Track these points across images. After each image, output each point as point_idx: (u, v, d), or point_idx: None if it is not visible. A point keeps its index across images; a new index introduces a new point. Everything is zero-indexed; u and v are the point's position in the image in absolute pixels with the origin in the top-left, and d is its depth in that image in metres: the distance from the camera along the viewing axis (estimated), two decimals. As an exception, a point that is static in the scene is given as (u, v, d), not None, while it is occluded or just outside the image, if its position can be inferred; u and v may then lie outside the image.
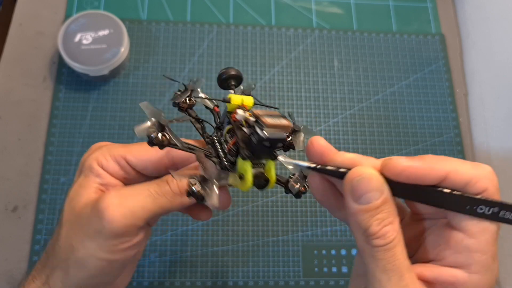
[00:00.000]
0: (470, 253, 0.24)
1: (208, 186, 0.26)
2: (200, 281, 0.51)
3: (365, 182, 0.24)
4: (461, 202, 0.24)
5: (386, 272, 0.24)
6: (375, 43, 0.64)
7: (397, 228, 0.24)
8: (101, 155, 0.31)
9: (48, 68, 0.58)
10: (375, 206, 0.24)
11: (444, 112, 0.61)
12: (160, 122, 0.28)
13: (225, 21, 0.63)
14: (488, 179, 0.24)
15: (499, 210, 0.24)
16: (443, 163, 0.24)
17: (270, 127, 0.25)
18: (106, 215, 0.28)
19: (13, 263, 0.50)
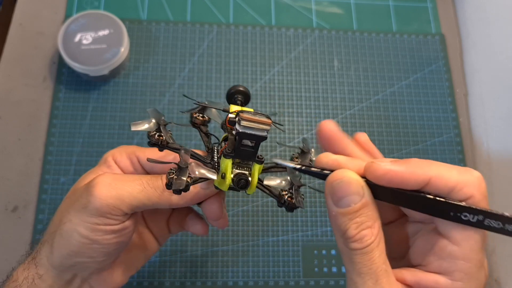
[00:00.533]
0: (453, 260, 0.24)
1: (182, 175, 0.27)
2: (200, 281, 0.51)
3: (344, 185, 0.24)
4: (445, 208, 0.23)
5: (361, 276, 0.24)
6: (375, 43, 0.64)
7: (376, 232, 0.24)
8: (118, 152, 0.34)
9: (48, 68, 0.58)
10: (353, 209, 0.24)
11: (444, 112, 0.61)
12: (157, 123, 0.29)
13: (225, 21, 0.63)
14: (474, 186, 0.23)
15: (483, 218, 0.23)
16: (427, 168, 0.24)
17: (246, 120, 0.26)
18: (93, 191, 0.29)
19: (13, 263, 0.49)
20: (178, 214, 0.38)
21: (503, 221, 0.23)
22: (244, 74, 0.60)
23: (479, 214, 0.23)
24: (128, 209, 0.30)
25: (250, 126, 0.26)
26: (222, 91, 0.59)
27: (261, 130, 0.26)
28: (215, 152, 0.31)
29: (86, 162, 0.54)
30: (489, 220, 0.23)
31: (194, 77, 0.59)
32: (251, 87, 0.60)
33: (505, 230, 0.23)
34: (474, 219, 0.23)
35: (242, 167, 0.28)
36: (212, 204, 0.32)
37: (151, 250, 0.37)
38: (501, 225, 0.23)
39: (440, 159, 0.59)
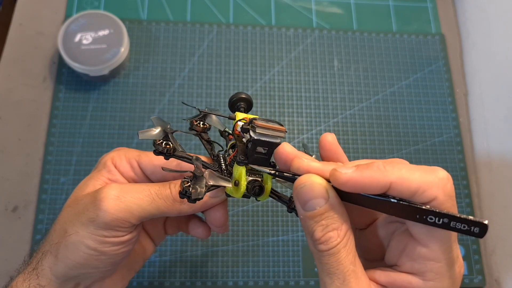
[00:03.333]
0: (424, 261, 0.24)
1: (198, 184, 0.27)
2: (200, 281, 0.51)
3: (308, 190, 0.25)
4: (410, 211, 0.23)
5: (329, 276, 0.25)
6: (375, 43, 0.64)
7: (343, 233, 0.25)
8: (117, 155, 0.32)
9: (48, 68, 0.58)
10: (318, 213, 0.25)
11: (444, 112, 0.61)
12: (165, 131, 0.29)
13: (225, 21, 0.63)
14: (437, 187, 0.23)
15: (449, 221, 0.23)
16: (388, 172, 0.23)
17: (261, 127, 0.26)
18: (101, 205, 0.28)
19: (13, 263, 0.50)
20: (177, 217, 0.37)
21: (468, 224, 0.23)
22: (244, 74, 0.60)
23: (443, 217, 0.23)
24: (137, 221, 0.30)
25: (266, 134, 0.26)
26: (222, 91, 0.59)
27: (275, 137, 0.26)
28: (221, 159, 0.31)
29: (86, 162, 0.54)
30: (455, 222, 0.23)
31: (194, 77, 0.59)
32: (251, 87, 0.60)
33: (471, 232, 0.23)
34: (439, 221, 0.23)
35: (254, 174, 0.29)
36: (218, 211, 0.33)
37: (149, 252, 0.37)
38: (467, 227, 0.23)
39: (440, 159, 0.59)
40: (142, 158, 0.32)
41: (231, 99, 0.30)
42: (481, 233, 0.23)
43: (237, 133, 0.28)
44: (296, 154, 0.27)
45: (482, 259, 0.55)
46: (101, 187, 0.29)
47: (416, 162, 0.58)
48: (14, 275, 0.32)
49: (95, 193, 0.29)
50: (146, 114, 0.57)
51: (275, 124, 0.26)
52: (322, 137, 0.29)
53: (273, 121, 0.27)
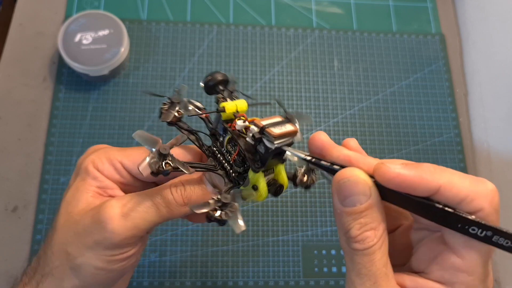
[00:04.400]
0: (455, 272, 0.24)
1: (231, 211, 0.26)
2: (200, 281, 0.51)
3: (351, 185, 0.24)
4: (453, 219, 0.22)
5: (360, 276, 0.24)
6: (375, 43, 0.64)
7: (380, 234, 0.24)
8: (97, 158, 0.30)
9: (48, 68, 0.58)
10: (358, 210, 0.24)
11: (444, 112, 0.61)
12: (160, 152, 0.26)
13: (225, 21, 0.63)
14: (485, 198, 0.22)
15: (492, 234, 0.22)
16: (438, 175, 0.23)
17: (278, 137, 0.25)
18: (108, 227, 0.27)
19: (13, 263, 0.50)
20: None
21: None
22: (244, 74, 0.60)
23: (488, 230, 0.22)
24: (144, 234, 0.29)
25: (284, 142, 0.25)
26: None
27: (290, 140, 0.26)
28: (218, 156, 0.29)
29: (86, 162, 0.54)
30: (498, 237, 0.22)
31: (194, 77, 0.59)
32: (251, 87, 0.60)
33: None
34: (482, 234, 0.22)
35: (267, 171, 0.28)
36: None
37: (145, 244, 0.37)
38: (510, 244, 0.22)
39: (440, 159, 0.59)
40: (125, 160, 0.30)
41: (208, 83, 0.29)
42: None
43: (233, 129, 0.27)
44: (333, 143, 0.26)
45: (482, 259, 0.55)
46: (102, 206, 0.28)
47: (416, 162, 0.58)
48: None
49: (97, 214, 0.28)
50: (146, 114, 0.57)
51: (289, 127, 0.26)
52: (345, 143, 0.27)
53: (280, 122, 0.26)
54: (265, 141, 0.25)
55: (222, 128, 0.29)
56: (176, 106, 0.29)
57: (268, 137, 0.25)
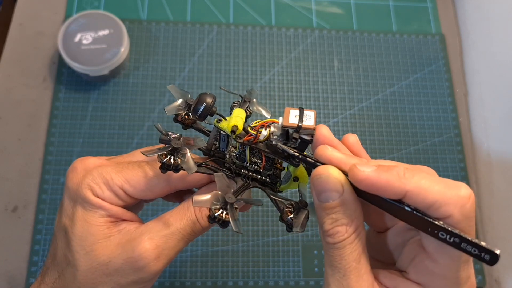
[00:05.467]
0: (430, 275, 0.24)
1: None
2: (200, 281, 0.51)
3: (323, 181, 0.25)
4: (422, 222, 0.23)
5: (331, 268, 0.25)
6: (375, 43, 0.64)
7: (352, 231, 0.25)
8: (95, 184, 0.29)
9: (48, 68, 0.58)
10: (330, 206, 0.25)
11: (444, 112, 0.61)
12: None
13: (225, 21, 0.63)
14: (455, 205, 0.22)
15: (460, 241, 0.22)
16: (408, 179, 0.23)
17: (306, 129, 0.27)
18: (145, 270, 0.28)
19: (13, 263, 0.50)
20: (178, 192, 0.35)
21: (479, 249, 0.22)
22: (244, 74, 0.60)
23: (454, 236, 0.22)
24: None
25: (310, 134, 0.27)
26: (222, 91, 0.59)
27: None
28: (242, 172, 0.30)
29: (86, 162, 0.54)
30: (465, 244, 0.22)
31: (194, 77, 0.59)
32: (251, 87, 0.60)
33: (481, 258, 0.22)
34: (450, 239, 0.22)
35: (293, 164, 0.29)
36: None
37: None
38: (478, 252, 0.22)
39: (440, 159, 0.59)
40: (126, 186, 0.29)
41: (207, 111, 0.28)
42: (492, 261, 0.22)
43: (255, 141, 0.28)
44: (324, 139, 0.27)
45: (482, 259, 0.55)
46: (135, 250, 0.28)
47: (416, 162, 0.58)
48: None
49: (131, 259, 0.28)
50: (146, 114, 0.57)
51: (307, 116, 0.27)
52: (344, 139, 0.28)
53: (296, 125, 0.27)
54: (303, 136, 0.27)
55: (224, 145, 0.30)
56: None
57: (306, 131, 0.27)
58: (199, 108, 0.27)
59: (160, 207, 0.53)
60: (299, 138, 0.27)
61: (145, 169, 0.29)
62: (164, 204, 0.53)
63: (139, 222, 0.31)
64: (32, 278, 0.49)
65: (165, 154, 0.27)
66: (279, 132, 0.27)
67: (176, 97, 0.29)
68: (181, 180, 0.30)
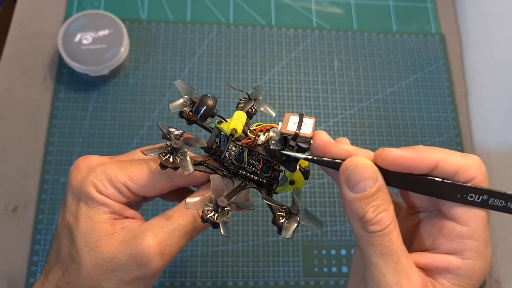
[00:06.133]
0: (462, 240, 0.25)
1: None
2: (200, 281, 0.51)
3: (360, 170, 0.25)
4: (452, 190, 0.25)
5: (383, 257, 0.25)
6: (375, 43, 0.64)
7: (392, 214, 0.25)
8: (98, 181, 0.29)
9: (48, 68, 0.58)
10: (370, 193, 0.25)
11: (444, 112, 0.61)
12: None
13: (225, 21, 0.63)
14: (476, 168, 0.25)
15: (488, 197, 0.24)
16: (433, 153, 0.25)
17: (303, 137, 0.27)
18: (149, 266, 0.28)
19: (13, 263, 0.50)
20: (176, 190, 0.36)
21: (506, 199, 0.24)
22: (244, 74, 0.60)
23: (483, 193, 0.24)
24: None
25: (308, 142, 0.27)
26: (222, 91, 0.59)
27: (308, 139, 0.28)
28: (240, 172, 0.30)
29: (86, 162, 0.54)
30: (493, 199, 0.24)
31: (194, 77, 0.59)
32: (251, 87, 0.60)
33: (507, 208, 0.25)
34: (479, 199, 0.24)
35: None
36: None
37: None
38: (504, 204, 0.24)
39: (440, 159, 0.59)
40: (129, 182, 0.30)
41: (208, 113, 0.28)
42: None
43: (253, 145, 0.28)
44: (325, 145, 0.27)
45: (482, 259, 0.55)
46: (139, 246, 0.28)
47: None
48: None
49: (135, 255, 0.28)
50: (146, 114, 0.57)
51: (305, 123, 0.27)
52: (337, 142, 0.29)
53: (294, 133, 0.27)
54: (300, 144, 0.27)
55: (224, 145, 0.30)
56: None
57: (303, 139, 0.27)
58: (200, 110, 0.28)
59: (160, 207, 0.53)
60: (296, 145, 0.27)
61: (147, 166, 0.30)
62: (164, 204, 0.53)
63: (141, 219, 0.31)
64: (32, 278, 0.49)
65: (164, 153, 0.27)
66: (277, 137, 0.28)
67: (182, 93, 0.29)
68: (182, 177, 0.30)
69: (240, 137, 0.28)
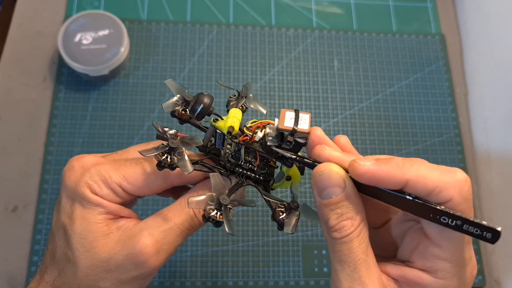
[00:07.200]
0: (435, 259, 0.25)
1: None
2: (200, 281, 0.51)
3: (326, 178, 0.25)
4: (424, 209, 0.24)
5: (340, 263, 0.25)
6: (375, 43, 0.64)
7: (357, 223, 0.25)
8: (93, 182, 0.29)
9: (48, 68, 0.58)
10: (334, 201, 0.25)
11: (444, 112, 0.61)
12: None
13: (225, 21, 0.63)
14: (454, 188, 0.23)
15: (461, 223, 0.23)
16: (407, 169, 0.24)
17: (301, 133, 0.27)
18: (145, 266, 0.28)
19: (13, 263, 0.50)
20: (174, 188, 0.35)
21: (481, 229, 0.23)
22: (244, 74, 0.60)
23: (456, 219, 0.23)
24: None
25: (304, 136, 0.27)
26: (222, 91, 0.59)
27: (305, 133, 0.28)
28: (236, 170, 0.30)
29: (86, 162, 0.54)
30: (467, 225, 0.23)
31: (194, 77, 0.59)
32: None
33: (483, 237, 0.23)
34: (452, 222, 0.23)
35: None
36: None
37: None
38: (479, 232, 0.23)
39: (440, 159, 0.59)
40: (124, 183, 0.29)
41: (204, 111, 0.28)
42: (493, 239, 0.23)
43: (250, 142, 0.28)
44: (319, 141, 0.27)
45: (482, 259, 0.55)
46: (135, 246, 0.28)
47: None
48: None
49: (132, 254, 0.28)
50: (146, 114, 0.57)
51: (302, 119, 0.27)
52: (336, 140, 0.29)
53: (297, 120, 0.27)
54: (297, 140, 0.27)
55: (220, 143, 0.30)
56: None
57: (300, 135, 0.27)
58: (196, 108, 0.28)
59: (161, 207, 0.53)
60: (294, 141, 0.27)
61: (142, 166, 0.30)
62: (164, 204, 0.53)
63: (137, 218, 0.31)
64: (32, 278, 0.49)
65: (162, 153, 0.27)
66: (274, 134, 0.28)
67: (173, 92, 0.29)
68: (178, 176, 0.30)
69: (236, 135, 0.28)
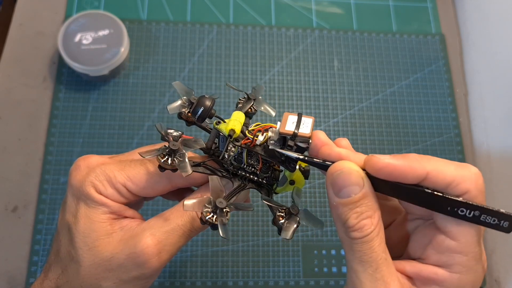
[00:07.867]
0: (451, 254, 0.25)
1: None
2: (200, 281, 0.51)
3: (345, 176, 0.25)
4: (442, 202, 0.24)
5: (361, 264, 0.25)
6: (375, 43, 0.64)
7: (376, 222, 0.25)
8: (98, 181, 0.29)
9: (48, 68, 0.58)
10: (354, 200, 0.25)
11: (444, 112, 0.61)
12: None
13: (225, 21, 0.63)
14: (471, 181, 0.24)
15: (480, 214, 0.23)
16: (425, 162, 0.24)
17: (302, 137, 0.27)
18: (147, 266, 0.28)
19: (13, 263, 0.50)
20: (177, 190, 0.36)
21: (499, 217, 0.23)
22: (244, 74, 0.60)
23: (475, 209, 0.23)
24: None
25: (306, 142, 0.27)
26: (223, 91, 0.59)
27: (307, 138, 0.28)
28: (239, 173, 0.30)
29: (86, 162, 0.54)
30: (485, 216, 0.23)
31: (194, 77, 0.59)
32: (252, 87, 0.60)
33: (500, 227, 0.23)
34: (470, 214, 0.23)
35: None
36: None
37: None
38: (497, 221, 0.23)
39: (440, 159, 0.59)
40: (129, 183, 0.29)
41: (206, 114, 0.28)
42: (510, 228, 0.23)
43: (252, 145, 0.28)
44: (322, 145, 0.27)
45: (482, 259, 0.55)
46: (137, 245, 0.28)
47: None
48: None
49: (134, 254, 0.28)
50: (146, 114, 0.57)
51: (304, 123, 0.27)
52: (336, 142, 0.29)
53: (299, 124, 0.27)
54: (299, 144, 0.27)
55: (223, 145, 0.30)
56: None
57: (301, 139, 0.27)
58: (197, 110, 0.28)
59: (161, 207, 0.53)
60: (295, 145, 0.27)
61: (147, 167, 0.30)
62: (164, 204, 0.53)
63: (140, 219, 0.31)
64: (32, 278, 0.49)
65: (163, 154, 0.27)
66: (276, 137, 0.28)
67: (180, 94, 0.29)
68: (182, 178, 0.30)
69: (238, 138, 0.28)
